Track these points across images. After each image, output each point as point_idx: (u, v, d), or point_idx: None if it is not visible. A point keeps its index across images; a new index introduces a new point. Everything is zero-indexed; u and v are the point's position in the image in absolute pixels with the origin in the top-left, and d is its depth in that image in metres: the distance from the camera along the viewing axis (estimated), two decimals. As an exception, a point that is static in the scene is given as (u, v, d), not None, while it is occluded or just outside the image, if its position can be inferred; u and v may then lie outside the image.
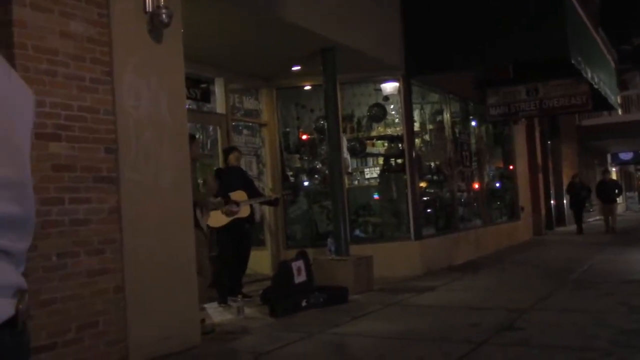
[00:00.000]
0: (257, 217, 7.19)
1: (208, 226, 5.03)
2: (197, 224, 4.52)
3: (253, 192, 5.85)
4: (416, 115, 8.45)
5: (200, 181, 5.01)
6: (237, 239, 5.63)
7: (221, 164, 6.46)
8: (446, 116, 9.36)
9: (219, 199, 5.22)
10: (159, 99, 4.00)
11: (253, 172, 7.49)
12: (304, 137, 8.12)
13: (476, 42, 7.13)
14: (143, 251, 3.76)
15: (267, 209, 7.47)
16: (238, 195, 5.54)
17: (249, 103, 7.66)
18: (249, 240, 5.85)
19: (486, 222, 10.16)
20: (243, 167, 6.41)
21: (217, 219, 5.32)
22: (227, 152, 6.03)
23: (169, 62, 4.10)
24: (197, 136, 5.61)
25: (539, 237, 12.37)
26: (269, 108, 7.76)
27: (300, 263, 5.65)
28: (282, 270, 5.62)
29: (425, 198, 8.50)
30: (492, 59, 7.41)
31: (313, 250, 6.58)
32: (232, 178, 5.70)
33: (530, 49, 6.99)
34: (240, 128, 7.63)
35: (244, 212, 5.56)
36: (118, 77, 3.72)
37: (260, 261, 7.18)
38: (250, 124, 7.80)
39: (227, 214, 5.46)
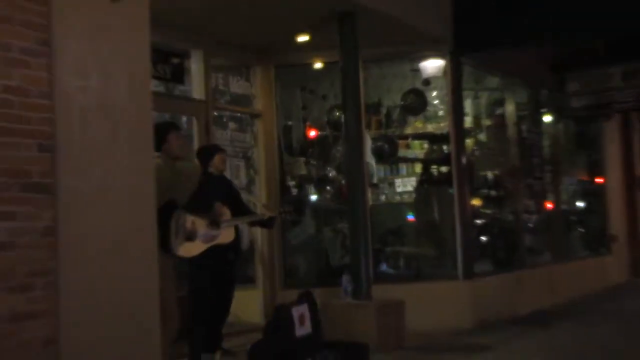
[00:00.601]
0: (245, 243, 7.17)
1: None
2: (165, 247, 4.49)
3: (240, 209, 5.82)
4: (468, 106, 8.41)
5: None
6: (217, 274, 5.60)
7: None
8: (509, 108, 9.31)
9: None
10: (115, 77, 4.01)
11: (241, 181, 7.49)
12: (312, 133, 8.12)
13: (553, 8, 7.09)
14: (86, 287, 3.74)
15: (258, 232, 7.45)
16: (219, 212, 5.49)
17: (237, 86, 7.66)
18: (232, 276, 5.82)
19: (563, 256, 10.07)
20: (228, 174, 6.40)
21: (191, 246, 5.29)
22: (207, 152, 5.96)
23: (129, 27, 4.11)
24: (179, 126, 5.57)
25: (638, 278, 12.22)
26: (265, 93, 7.77)
27: (303, 308, 5.60)
28: (279, 318, 5.58)
29: (478, 221, 8.46)
30: (575, 31, 7.36)
31: (322, 291, 6.53)
32: (212, 190, 5.67)
33: (628, 20, 6.93)
34: (225, 120, 7.63)
35: (226, 236, 5.51)
36: (59, 47, 3.73)
37: (248, 305, 7.16)
38: (239, 114, 7.79)
39: (205, 239, 5.43)
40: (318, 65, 7.92)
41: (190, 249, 5.27)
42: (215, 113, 7.25)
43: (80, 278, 3.72)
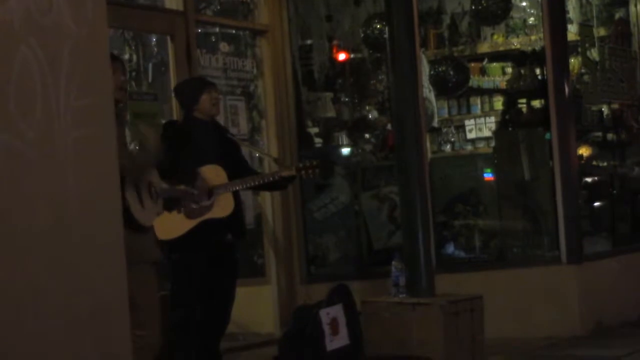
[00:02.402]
0: (249, 218, 7.20)
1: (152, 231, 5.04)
2: (130, 222, 4.52)
3: (239, 169, 5.86)
4: (572, 8, 8.33)
5: (133, 146, 5.00)
6: (210, 265, 5.64)
7: (175, 115, 6.50)
8: (636, 10, 9.12)
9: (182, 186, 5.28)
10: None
11: (240, 127, 7.50)
12: (342, 57, 8.14)
13: None
14: (14, 285, 3.76)
15: (267, 202, 7.54)
16: (210, 174, 5.55)
17: (230, -11, 7.72)
18: (233, 267, 5.87)
19: None
20: (222, 119, 6.46)
21: (170, 223, 5.33)
22: (191, 90, 6.00)
23: None
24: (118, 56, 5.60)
25: None
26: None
27: (336, 311, 5.66)
28: (302, 325, 5.62)
29: (589, 179, 8.42)
30: None
31: (362, 286, 6.62)
32: (199, 142, 5.71)
33: None
34: (214, 40, 7.65)
35: (222, 207, 5.58)
36: None
37: (257, 307, 7.27)
38: (234, 31, 7.80)
39: (190, 213, 5.46)
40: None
41: (170, 229, 5.31)
42: (199, 30, 7.27)
43: (7, 268, 3.74)
